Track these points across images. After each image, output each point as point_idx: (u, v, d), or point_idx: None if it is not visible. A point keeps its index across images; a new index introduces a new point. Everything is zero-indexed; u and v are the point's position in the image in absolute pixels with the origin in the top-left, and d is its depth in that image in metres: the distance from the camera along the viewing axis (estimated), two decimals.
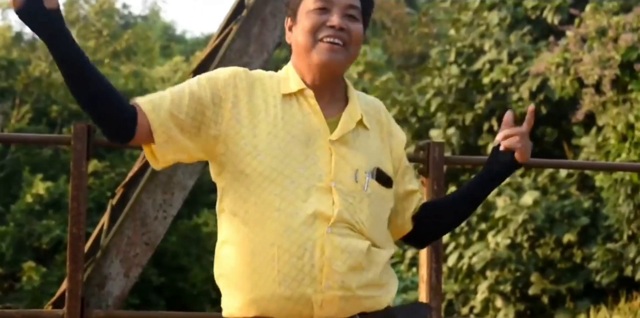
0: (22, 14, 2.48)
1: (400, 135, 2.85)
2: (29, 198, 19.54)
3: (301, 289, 2.55)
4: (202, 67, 5.78)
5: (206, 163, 2.74)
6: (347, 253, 2.57)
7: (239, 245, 2.60)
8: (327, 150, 2.65)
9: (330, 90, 2.73)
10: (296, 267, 2.55)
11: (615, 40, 13.77)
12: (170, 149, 2.65)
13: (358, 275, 2.59)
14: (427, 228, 2.88)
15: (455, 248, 15.97)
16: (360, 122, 2.73)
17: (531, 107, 2.83)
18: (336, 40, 2.67)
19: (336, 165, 2.64)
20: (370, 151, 2.72)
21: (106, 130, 2.64)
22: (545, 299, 15.01)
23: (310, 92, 2.69)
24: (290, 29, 2.76)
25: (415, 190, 2.87)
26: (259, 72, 2.75)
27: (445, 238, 15.10)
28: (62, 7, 2.55)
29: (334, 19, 2.67)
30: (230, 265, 2.63)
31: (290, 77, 2.73)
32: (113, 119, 2.60)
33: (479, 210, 15.56)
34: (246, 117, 2.65)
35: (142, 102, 2.64)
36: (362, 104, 2.78)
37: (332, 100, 2.73)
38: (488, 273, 15.17)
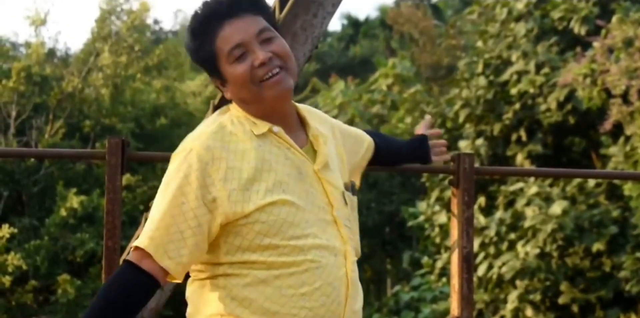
0: None
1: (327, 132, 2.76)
2: (63, 212, 19.76)
3: None
4: None
5: None
6: (356, 291, 2.63)
7: (266, 284, 2.54)
8: (317, 180, 2.60)
9: (288, 118, 2.65)
10: (325, 304, 2.54)
11: None
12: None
13: (360, 309, 2.66)
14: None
15: (485, 258, 16.02)
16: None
17: (427, 117, 3.36)
18: (274, 71, 2.56)
19: (330, 194, 2.61)
20: (340, 164, 2.73)
21: None
22: (575, 308, 15.04)
23: (279, 129, 2.60)
24: (222, 85, 2.62)
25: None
26: (215, 134, 2.58)
27: (475, 248, 15.15)
28: (93, 24, 2.59)
29: (257, 56, 2.55)
30: (258, 302, 2.55)
31: (249, 120, 2.61)
32: None
33: (508, 220, 15.61)
34: (234, 178, 2.53)
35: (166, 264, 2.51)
36: (313, 118, 2.74)
37: (295, 129, 2.65)
38: (518, 282, 15.21)
